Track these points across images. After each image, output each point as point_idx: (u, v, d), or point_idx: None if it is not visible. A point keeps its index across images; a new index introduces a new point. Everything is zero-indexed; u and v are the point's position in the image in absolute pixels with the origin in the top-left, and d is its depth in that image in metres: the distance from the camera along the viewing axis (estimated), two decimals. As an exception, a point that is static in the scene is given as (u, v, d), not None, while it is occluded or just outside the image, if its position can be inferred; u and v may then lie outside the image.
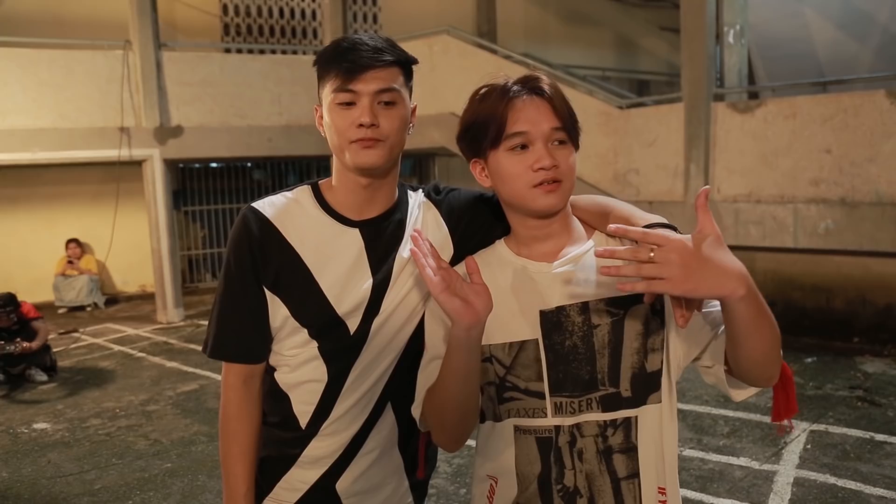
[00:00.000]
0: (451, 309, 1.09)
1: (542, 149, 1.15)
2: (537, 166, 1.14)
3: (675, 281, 0.96)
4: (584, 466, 1.17)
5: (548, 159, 1.14)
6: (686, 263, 0.96)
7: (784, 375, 1.20)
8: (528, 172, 1.15)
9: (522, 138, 1.15)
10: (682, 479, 3.53)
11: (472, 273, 1.13)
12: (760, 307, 1.02)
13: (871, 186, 5.44)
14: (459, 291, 1.10)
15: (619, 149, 6.76)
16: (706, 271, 0.96)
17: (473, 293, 1.10)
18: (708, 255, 0.97)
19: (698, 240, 0.97)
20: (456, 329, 1.11)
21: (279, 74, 8.19)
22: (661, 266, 0.96)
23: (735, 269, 0.97)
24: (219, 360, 1.36)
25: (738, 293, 0.97)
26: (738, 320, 1.02)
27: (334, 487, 1.36)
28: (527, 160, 1.15)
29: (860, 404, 4.46)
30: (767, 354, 1.07)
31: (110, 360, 6.35)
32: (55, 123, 7.20)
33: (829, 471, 3.54)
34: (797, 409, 1.29)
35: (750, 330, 1.03)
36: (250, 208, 1.33)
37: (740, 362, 1.09)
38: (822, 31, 8.37)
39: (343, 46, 1.24)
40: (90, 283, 8.77)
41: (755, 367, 1.09)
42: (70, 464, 4.03)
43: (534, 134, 1.15)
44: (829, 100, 5.71)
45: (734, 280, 0.97)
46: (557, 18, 11.76)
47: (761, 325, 1.03)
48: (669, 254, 0.96)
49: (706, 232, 0.98)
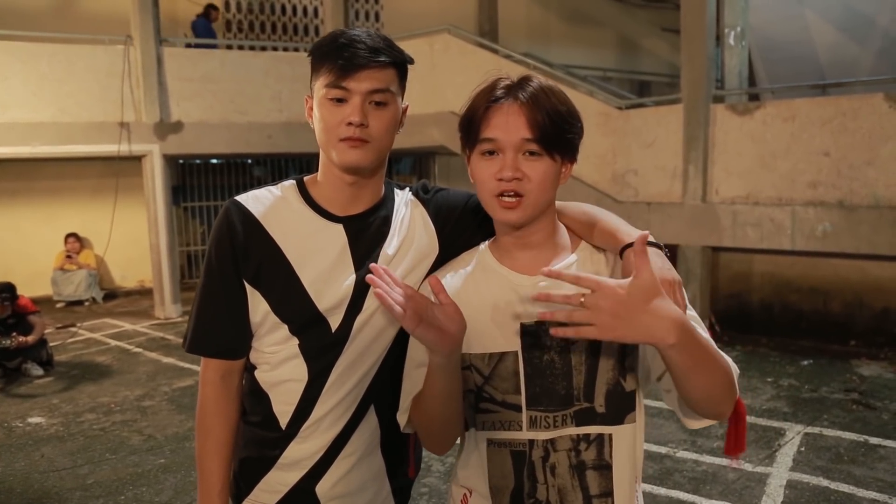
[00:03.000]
0: (430, 341, 1.08)
1: (507, 158, 1.12)
2: (498, 176, 1.13)
3: (603, 328, 0.97)
4: (556, 481, 1.16)
5: (509, 171, 1.11)
6: (615, 311, 0.96)
7: (737, 413, 1.19)
8: (491, 180, 1.14)
9: (491, 144, 1.13)
10: (676, 480, 3.53)
11: (439, 293, 1.10)
12: (697, 354, 1.01)
13: (868, 190, 5.43)
14: (433, 320, 1.08)
15: (617, 149, 6.76)
16: (635, 319, 0.96)
17: (445, 317, 1.09)
18: (639, 303, 0.97)
19: (633, 286, 0.97)
20: (436, 357, 1.10)
21: (280, 71, 8.19)
22: (590, 313, 0.97)
23: (668, 316, 0.97)
24: (197, 354, 1.33)
25: (667, 341, 0.97)
26: (672, 366, 1.03)
27: (314, 490, 1.34)
28: (492, 167, 1.14)
29: (855, 407, 4.46)
30: (710, 395, 1.07)
31: (107, 355, 6.35)
32: (55, 118, 7.21)
33: (823, 473, 3.54)
34: (744, 448, 1.28)
35: (686, 374, 1.03)
36: (233, 201, 1.32)
37: (684, 398, 1.10)
38: (822, 34, 8.37)
39: (340, 41, 1.22)
40: (89, 277, 8.78)
41: (699, 404, 1.09)
42: (63, 458, 4.04)
43: (503, 142, 1.12)
44: (827, 102, 5.70)
45: (664, 329, 0.97)
46: (559, 18, 11.75)
47: (700, 370, 1.03)
48: (600, 300, 0.96)
49: (642, 278, 0.97)
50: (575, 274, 1.00)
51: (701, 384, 1.04)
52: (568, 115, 1.14)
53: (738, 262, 6.35)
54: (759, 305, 6.32)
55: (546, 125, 1.11)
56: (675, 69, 11.74)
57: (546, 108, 1.12)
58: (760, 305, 6.32)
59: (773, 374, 5.11)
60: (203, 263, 1.35)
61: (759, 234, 5.91)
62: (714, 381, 1.05)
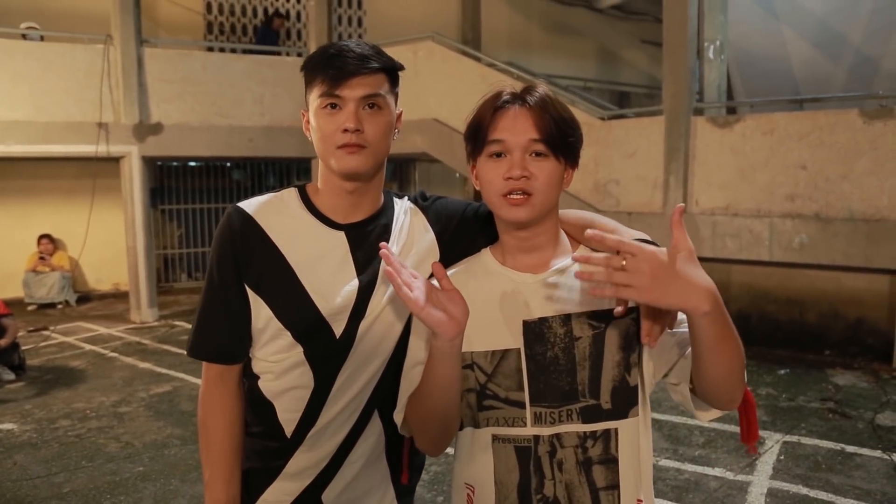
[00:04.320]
0: (434, 323, 1.11)
1: (515, 159, 1.16)
2: (507, 175, 1.16)
3: (641, 289, 0.98)
4: (563, 477, 1.18)
5: (517, 169, 1.15)
6: (655, 274, 0.98)
7: (746, 401, 1.22)
8: (499, 180, 1.17)
9: (499, 146, 1.17)
10: (659, 488, 3.55)
11: (441, 279, 1.14)
12: (725, 327, 1.04)
13: (844, 203, 5.55)
14: (437, 303, 1.12)
15: (599, 159, 6.83)
16: (673, 284, 0.98)
17: (449, 301, 1.12)
18: (678, 269, 0.99)
19: (671, 254, 1.00)
20: (439, 341, 1.12)
21: (262, 75, 8.14)
22: (631, 274, 0.98)
23: (703, 285, 0.99)
24: (198, 359, 1.35)
25: (702, 308, 0.99)
26: (702, 337, 1.04)
27: (320, 498, 1.35)
28: (500, 168, 1.17)
29: (831, 416, 4.54)
30: (730, 375, 1.09)
31: (81, 359, 6.23)
32: (31, 116, 7.07)
33: (802, 481, 3.60)
34: (758, 435, 1.32)
35: (713, 347, 1.05)
36: (235, 208, 1.34)
37: (703, 381, 1.12)
38: (798, 50, 8.56)
39: (330, 53, 1.26)
40: (62, 280, 8.61)
41: (717, 387, 1.11)
42: (37, 466, 3.94)
43: (511, 143, 1.16)
44: (805, 117, 5.82)
45: (700, 296, 0.99)
46: (541, 28, 11.85)
47: (725, 345, 1.05)
48: (641, 263, 0.98)
49: (680, 247, 1.00)
50: (618, 239, 1.01)
51: (724, 360, 1.07)
52: (570, 120, 1.20)
53: (717, 272, 6.43)
54: (736, 315, 6.36)
55: (552, 128, 1.16)
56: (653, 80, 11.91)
57: (551, 112, 1.17)
58: (738, 315, 6.41)
59: (751, 382, 5.19)
60: (207, 269, 1.37)
61: (738, 245, 6.00)
62: (735, 359, 1.07)
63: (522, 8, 11.61)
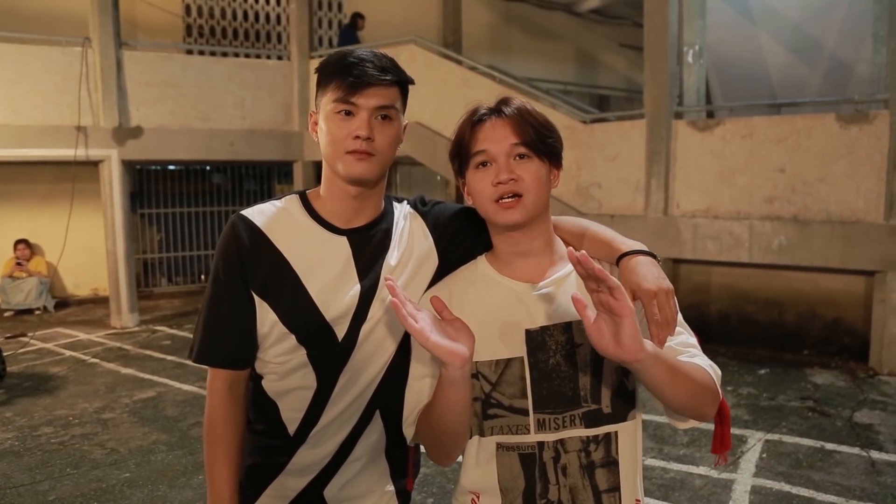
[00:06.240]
0: (443, 353, 1.11)
1: (500, 164, 1.21)
2: (495, 181, 1.20)
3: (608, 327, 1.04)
4: (567, 481, 1.21)
5: (504, 174, 1.20)
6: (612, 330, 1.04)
7: (721, 413, 1.27)
8: (489, 188, 1.21)
9: (484, 156, 1.23)
10: (646, 487, 3.58)
11: (441, 311, 1.16)
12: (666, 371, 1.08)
13: (821, 205, 5.67)
14: (443, 333, 1.13)
15: (581, 162, 6.90)
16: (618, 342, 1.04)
17: (454, 330, 1.14)
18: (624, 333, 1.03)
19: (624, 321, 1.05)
20: (450, 370, 1.13)
21: (243, 78, 8.10)
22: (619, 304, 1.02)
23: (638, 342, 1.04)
24: (204, 365, 1.36)
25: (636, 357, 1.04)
26: (644, 380, 1.09)
27: (322, 494, 1.39)
28: (488, 176, 1.22)
29: (811, 414, 4.63)
30: (689, 403, 1.14)
31: (62, 365, 6.14)
32: (7, 119, 6.96)
33: (784, 479, 3.67)
34: (730, 446, 1.37)
35: (657, 390, 1.10)
36: (239, 215, 1.36)
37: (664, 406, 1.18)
38: (774, 54, 8.72)
39: (349, 60, 1.28)
40: (40, 285, 8.48)
41: (681, 412, 1.18)
42: (21, 474, 3.88)
43: (494, 151, 1.21)
44: (783, 121, 5.94)
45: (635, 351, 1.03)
46: (521, 32, 11.93)
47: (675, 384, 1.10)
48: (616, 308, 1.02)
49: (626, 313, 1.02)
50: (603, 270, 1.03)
51: (678, 395, 1.11)
52: (547, 123, 1.26)
53: (698, 274, 6.54)
54: (717, 316, 6.51)
55: (530, 131, 1.22)
56: (632, 84, 12.05)
57: (527, 118, 1.23)
58: (718, 316, 6.52)
59: (732, 382, 5.27)
60: (210, 276, 1.38)
61: (719, 247, 6.10)
62: (690, 392, 1.12)
63: (503, 11, 11.68)
